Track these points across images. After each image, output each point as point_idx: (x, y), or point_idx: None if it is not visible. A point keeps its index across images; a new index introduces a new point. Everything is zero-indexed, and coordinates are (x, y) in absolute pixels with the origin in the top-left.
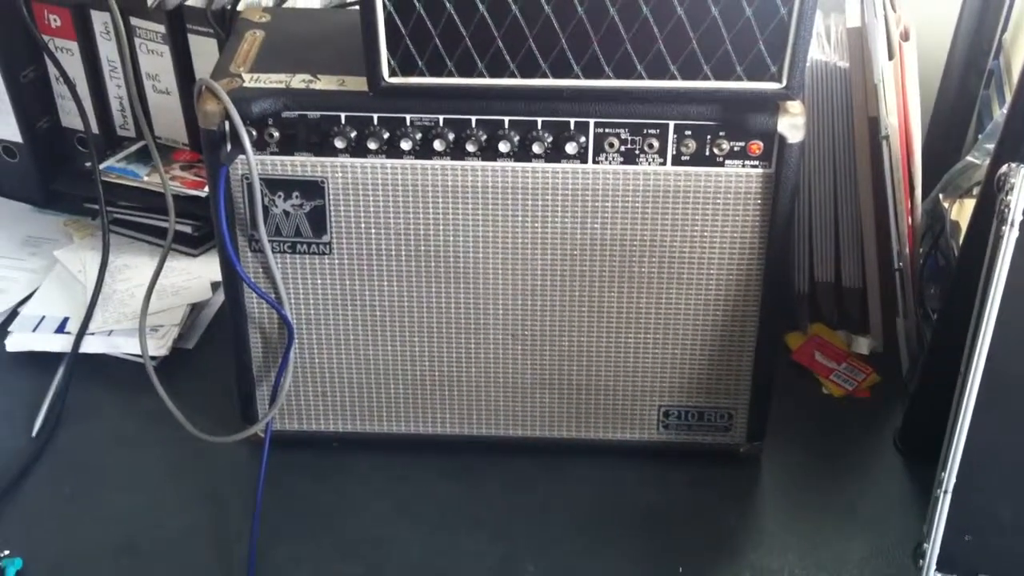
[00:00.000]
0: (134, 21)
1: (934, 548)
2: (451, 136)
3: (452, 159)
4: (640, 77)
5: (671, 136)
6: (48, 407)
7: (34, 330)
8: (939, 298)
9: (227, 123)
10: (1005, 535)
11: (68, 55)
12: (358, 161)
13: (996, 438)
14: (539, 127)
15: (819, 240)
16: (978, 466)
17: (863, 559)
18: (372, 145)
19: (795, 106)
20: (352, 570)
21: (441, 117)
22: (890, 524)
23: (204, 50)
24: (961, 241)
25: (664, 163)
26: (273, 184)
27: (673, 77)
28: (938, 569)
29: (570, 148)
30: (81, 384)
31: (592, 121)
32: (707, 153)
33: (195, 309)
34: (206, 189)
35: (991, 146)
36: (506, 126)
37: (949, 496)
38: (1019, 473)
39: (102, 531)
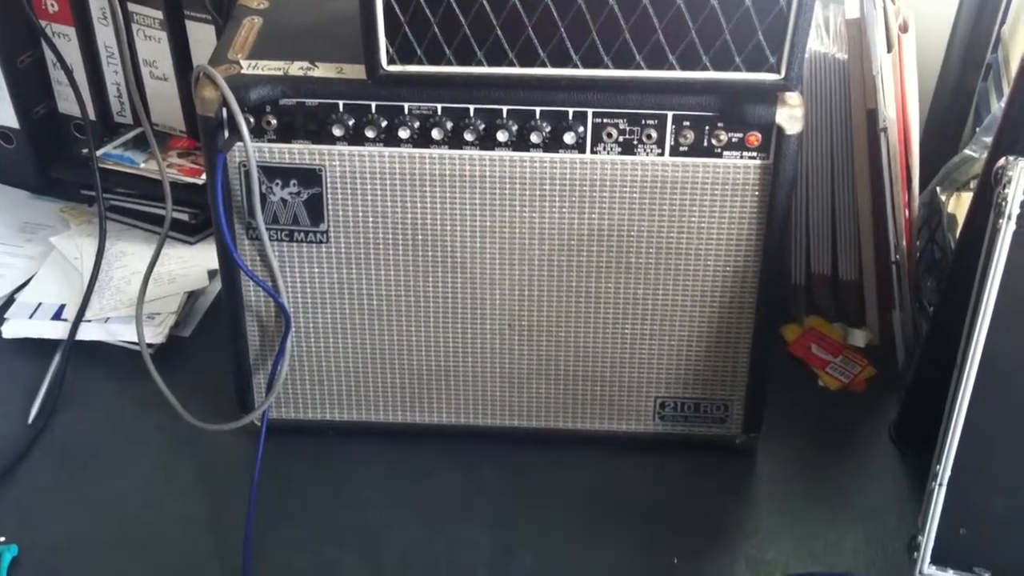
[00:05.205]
0: (132, 7)
1: (928, 541)
2: (449, 125)
3: (450, 148)
4: (639, 67)
5: (669, 127)
6: (44, 394)
7: (30, 317)
8: (935, 291)
9: (225, 110)
10: (1000, 528)
11: (65, 40)
12: (356, 149)
13: (991, 431)
14: (537, 116)
15: (816, 232)
16: (973, 459)
17: (857, 550)
18: (370, 133)
19: (793, 97)
20: (347, 557)
21: (439, 106)
22: (885, 516)
23: (202, 37)
24: (958, 234)
25: (662, 154)
26: (270, 172)
27: (672, 67)
28: (932, 562)
29: (568, 138)
30: (77, 371)
31: (590, 111)
32: (705, 144)
33: (192, 297)
34: (203, 176)
35: (989, 139)
36: (504, 115)
37: (944, 489)
38: (1014, 466)
39: (98, 518)
